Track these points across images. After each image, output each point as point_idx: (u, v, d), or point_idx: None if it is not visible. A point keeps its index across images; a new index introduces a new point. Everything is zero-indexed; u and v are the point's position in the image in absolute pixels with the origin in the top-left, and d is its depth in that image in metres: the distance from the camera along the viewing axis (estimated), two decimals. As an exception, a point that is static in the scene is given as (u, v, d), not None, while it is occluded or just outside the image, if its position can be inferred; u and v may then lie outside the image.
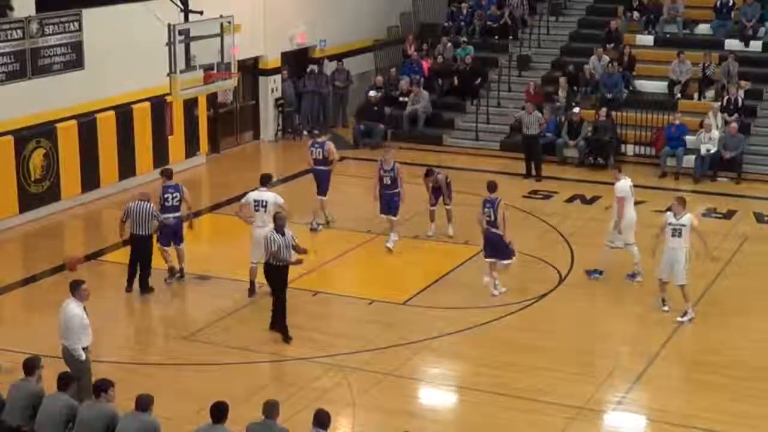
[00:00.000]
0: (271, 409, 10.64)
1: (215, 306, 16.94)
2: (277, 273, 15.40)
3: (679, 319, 16.13)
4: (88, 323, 12.70)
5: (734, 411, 13.44)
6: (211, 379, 14.15)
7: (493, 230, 16.92)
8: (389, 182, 18.95)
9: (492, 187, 17.23)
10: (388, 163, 19.02)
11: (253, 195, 16.84)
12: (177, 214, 17.22)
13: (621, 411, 13.52)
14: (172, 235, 17.30)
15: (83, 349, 12.60)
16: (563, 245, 19.57)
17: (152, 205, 16.89)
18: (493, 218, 16.87)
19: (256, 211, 16.70)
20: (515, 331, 15.98)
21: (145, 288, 17.06)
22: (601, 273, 17.83)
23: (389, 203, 19.01)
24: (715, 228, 20.80)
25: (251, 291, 16.98)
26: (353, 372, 14.36)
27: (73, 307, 12.71)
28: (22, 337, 15.28)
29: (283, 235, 15.18)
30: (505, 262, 17.18)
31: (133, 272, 17.08)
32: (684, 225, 16.07)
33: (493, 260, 17.12)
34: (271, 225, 16.48)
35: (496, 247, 17.03)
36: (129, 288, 17.08)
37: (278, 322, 15.46)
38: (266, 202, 16.63)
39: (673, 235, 16.13)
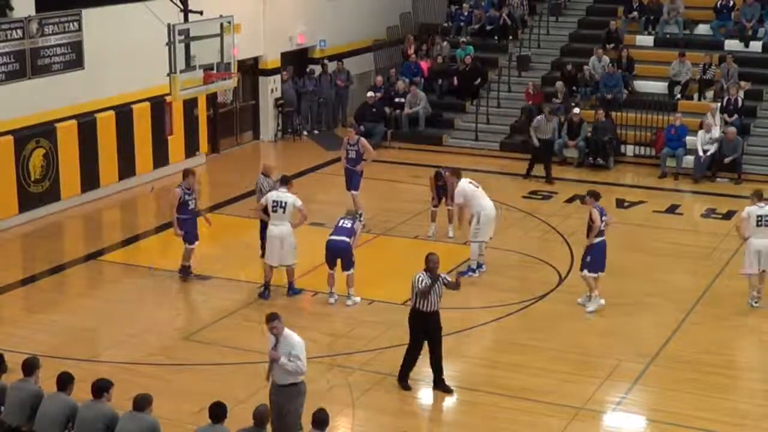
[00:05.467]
0: (260, 416, 10.57)
1: (215, 306, 16.94)
2: (424, 321, 13.65)
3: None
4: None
5: (734, 411, 13.44)
6: (211, 379, 14.15)
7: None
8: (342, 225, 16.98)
9: (598, 195, 16.82)
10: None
11: (273, 195, 16.91)
12: None
13: (621, 411, 13.52)
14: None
15: None
16: (563, 245, 19.56)
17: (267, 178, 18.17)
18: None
19: (274, 211, 16.75)
20: (515, 331, 15.98)
21: None
22: (475, 270, 17.79)
23: (335, 253, 16.73)
24: (715, 228, 20.83)
25: (264, 291, 16.96)
26: (353, 372, 14.37)
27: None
28: (21, 337, 15.27)
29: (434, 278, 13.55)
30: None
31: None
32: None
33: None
34: (288, 225, 16.62)
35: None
36: (263, 254, 17.60)
37: (438, 380, 13.88)
38: (285, 203, 16.69)
39: (758, 225, 16.46)
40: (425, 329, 13.69)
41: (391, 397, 13.76)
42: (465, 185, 18.02)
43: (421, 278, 13.49)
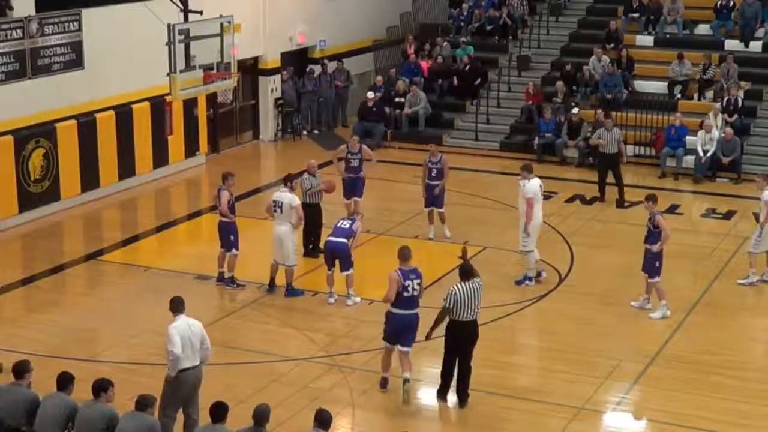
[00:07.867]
0: (260, 415, 10.56)
1: (215, 306, 16.94)
2: (461, 330, 13.36)
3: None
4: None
5: (734, 411, 13.43)
6: (211, 379, 14.10)
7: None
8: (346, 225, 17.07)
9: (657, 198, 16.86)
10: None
11: (275, 195, 17.11)
12: None
13: (621, 411, 13.52)
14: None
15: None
16: (563, 245, 19.56)
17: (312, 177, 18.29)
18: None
19: (274, 211, 16.92)
20: (515, 331, 15.97)
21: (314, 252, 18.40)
22: (531, 279, 17.55)
23: (333, 254, 16.83)
24: (714, 228, 20.83)
25: (270, 287, 17.16)
26: (353, 372, 14.36)
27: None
28: (21, 337, 15.26)
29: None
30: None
31: (306, 240, 18.50)
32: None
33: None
34: (287, 225, 16.71)
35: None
36: (312, 254, 18.40)
37: (462, 390, 13.53)
38: (282, 203, 16.77)
39: None
40: (463, 336, 13.36)
41: (391, 397, 13.74)
42: (537, 186, 17.46)
43: (456, 286, 13.30)
